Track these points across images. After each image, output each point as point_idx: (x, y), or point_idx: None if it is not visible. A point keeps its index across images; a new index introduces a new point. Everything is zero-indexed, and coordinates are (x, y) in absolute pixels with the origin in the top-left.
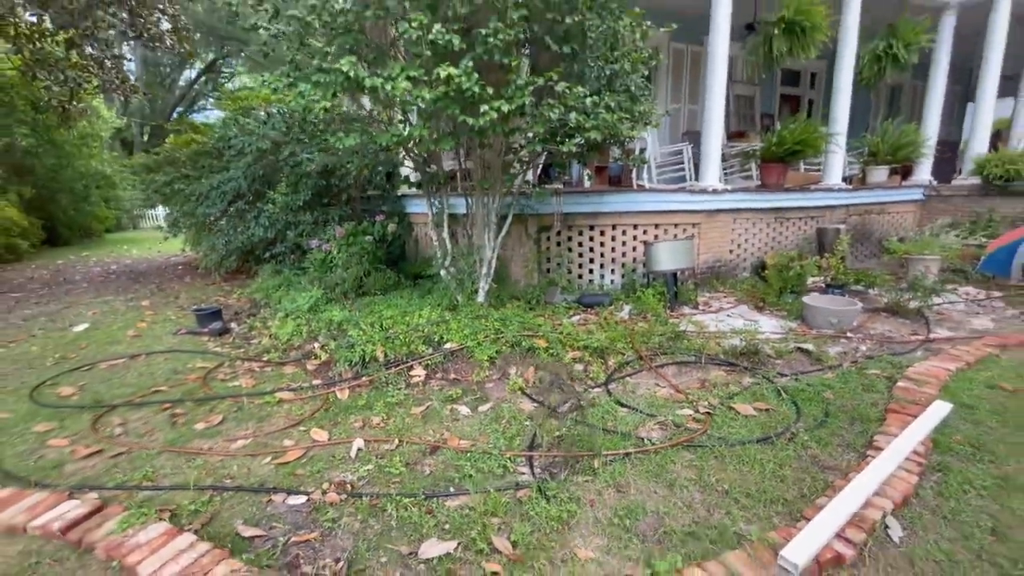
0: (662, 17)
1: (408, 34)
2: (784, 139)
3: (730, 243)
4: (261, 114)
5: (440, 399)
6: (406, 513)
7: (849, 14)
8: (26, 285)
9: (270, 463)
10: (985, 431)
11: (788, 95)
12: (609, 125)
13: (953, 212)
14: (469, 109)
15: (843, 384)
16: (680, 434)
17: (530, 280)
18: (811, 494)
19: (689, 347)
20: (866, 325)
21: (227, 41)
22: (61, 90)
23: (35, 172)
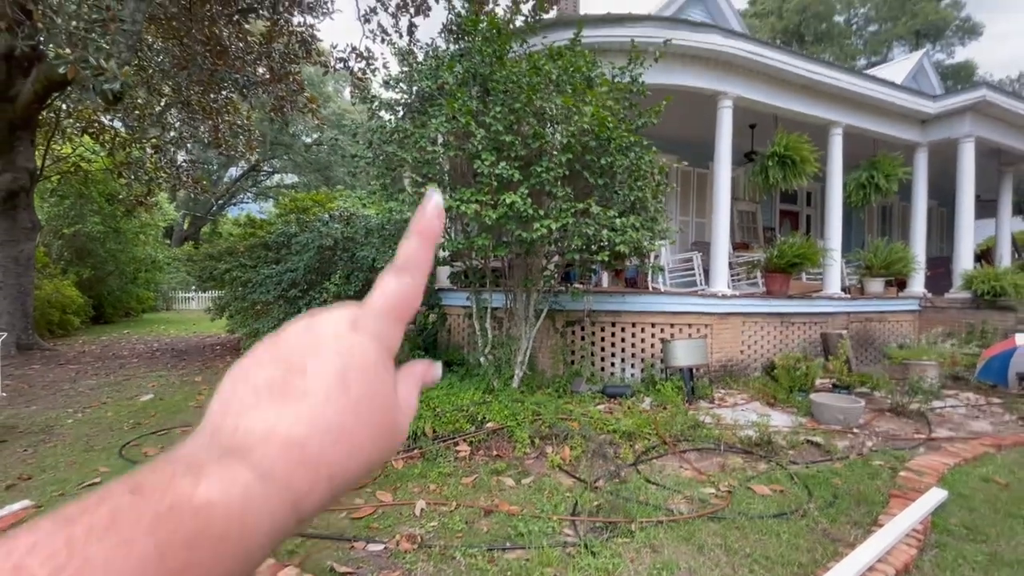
0: (672, 145)
1: (481, 168)
2: (784, 252)
3: (741, 344)
4: (325, 216)
5: (486, 471)
6: (473, 561)
7: (833, 151)
8: (80, 358)
9: (346, 517)
10: (979, 517)
11: (787, 211)
12: (635, 240)
13: (948, 322)
14: (523, 225)
15: (850, 472)
16: (705, 507)
17: (556, 370)
18: (823, 560)
19: (708, 436)
20: (871, 423)
21: (274, 146)
22: (140, 187)
23: (94, 255)
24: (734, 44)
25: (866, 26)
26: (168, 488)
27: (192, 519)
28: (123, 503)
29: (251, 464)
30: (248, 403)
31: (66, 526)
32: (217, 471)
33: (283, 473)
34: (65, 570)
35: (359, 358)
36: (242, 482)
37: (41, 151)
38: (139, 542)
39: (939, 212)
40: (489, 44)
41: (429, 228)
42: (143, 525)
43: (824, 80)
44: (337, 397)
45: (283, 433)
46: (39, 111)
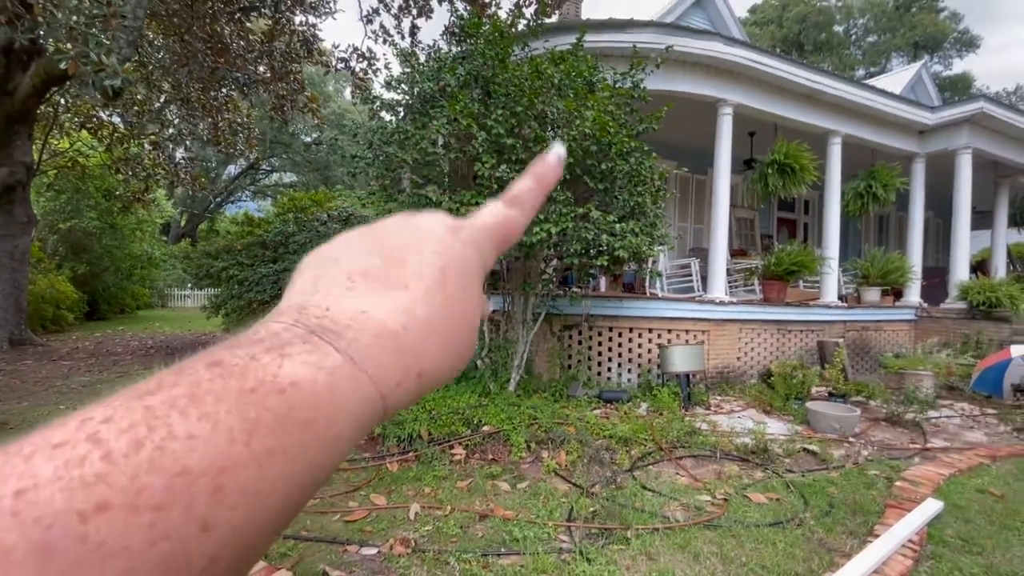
0: (671, 151)
1: (481, 171)
2: (782, 260)
3: (737, 351)
4: (323, 215)
5: (481, 476)
6: (467, 566)
7: (832, 160)
8: (73, 354)
9: (339, 520)
10: (974, 528)
11: (785, 219)
12: (634, 246)
13: (944, 332)
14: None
15: (846, 481)
16: (701, 515)
17: (552, 375)
18: (819, 569)
19: (704, 442)
20: (867, 432)
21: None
22: (138, 183)
23: (90, 251)
24: (735, 52)
25: (865, 36)
26: (250, 365)
27: (277, 400)
28: (203, 377)
29: (341, 346)
30: (341, 285)
31: (144, 398)
32: (303, 351)
33: (375, 361)
34: (144, 445)
35: (458, 261)
36: (330, 365)
37: (38, 145)
38: (225, 417)
39: (935, 223)
40: (491, 47)
41: (546, 173)
42: (227, 402)
43: (824, 89)
44: (436, 294)
45: (379, 319)
46: (37, 105)
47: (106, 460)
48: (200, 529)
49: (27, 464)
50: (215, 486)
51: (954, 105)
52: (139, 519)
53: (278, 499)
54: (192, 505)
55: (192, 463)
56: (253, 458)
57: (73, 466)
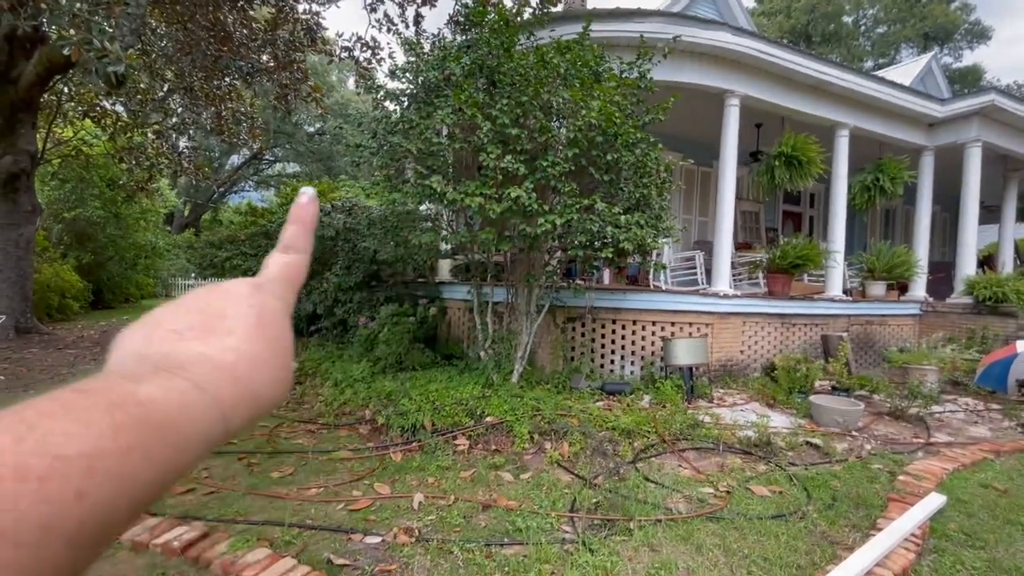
0: (676, 143)
1: (486, 161)
2: (787, 253)
3: (741, 344)
4: (327, 206)
5: (484, 466)
6: (470, 556)
7: (839, 153)
8: (78, 343)
9: (343, 509)
10: (977, 522)
11: (790, 212)
12: (639, 238)
13: (949, 327)
14: (527, 220)
15: (849, 475)
16: (703, 507)
17: (555, 366)
18: (821, 562)
19: (707, 435)
20: (870, 426)
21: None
22: (141, 172)
23: (94, 240)
24: (743, 42)
25: (874, 27)
26: (113, 387)
27: (137, 409)
28: (72, 398)
29: (186, 376)
30: (171, 339)
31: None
32: (155, 379)
33: (215, 387)
34: (26, 439)
35: (269, 309)
36: (179, 388)
37: (42, 134)
38: (96, 421)
39: (942, 217)
40: (497, 36)
41: (305, 215)
42: (97, 411)
43: (833, 81)
44: (257, 335)
45: (214, 357)
46: (41, 93)
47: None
48: (75, 497)
49: None
50: (88, 467)
51: (964, 97)
52: (27, 486)
53: (137, 483)
54: (68, 479)
55: (69, 451)
56: (118, 449)
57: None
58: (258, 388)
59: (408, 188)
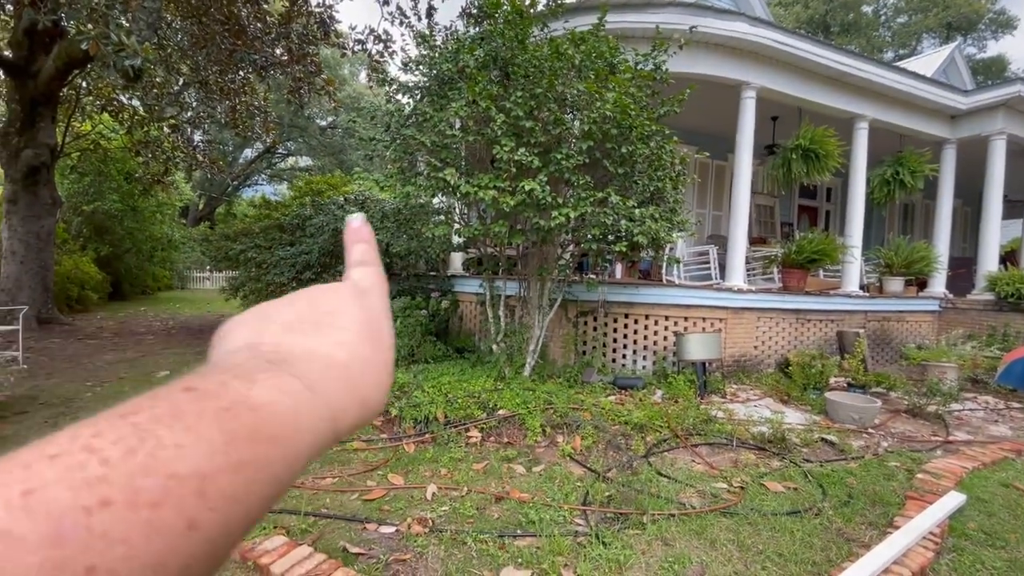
0: (691, 135)
1: (500, 154)
2: (803, 248)
3: (755, 339)
4: (340, 199)
5: (497, 458)
6: (483, 546)
7: (857, 146)
8: (98, 334)
9: (358, 499)
10: (998, 522)
11: (806, 206)
12: (653, 231)
13: (969, 324)
14: (541, 213)
15: (865, 472)
16: (717, 502)
17: (567, 360)
18: (837, 559)
19: (720, 430)
20: (887, 424)
21: (290, 129)
22: (157, 165)
23: (113, 233)
24: (760, 32)
25: (895, 17)
26: (223, 389)
27: (250, 418)
28: (182, 399)
29: (298, 374)
30: (281, 333)
31: (127, 417)
32: (267, 378)
33: (325, 389)
34: (137, 451)
35: (376, 311)
36: (292, 390)
37: (61, 128)
38: (206, 431)
39: (963, 211)
40: (510, 27)
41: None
42: (208, 416)
43: (852, 72)
44: (368, 335)
45: (326, 354)
46: (60, 88)
47: (104, 465)
48: (187, 527)
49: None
50: (200, 489)
51: (988, 89)
52: (138, 515)
53: (249, 504)
54: (182, 506)
55: (180, 468)
56: (230, 466)
57: (75, 470)
58: (366, 392)
59: (421, 181)
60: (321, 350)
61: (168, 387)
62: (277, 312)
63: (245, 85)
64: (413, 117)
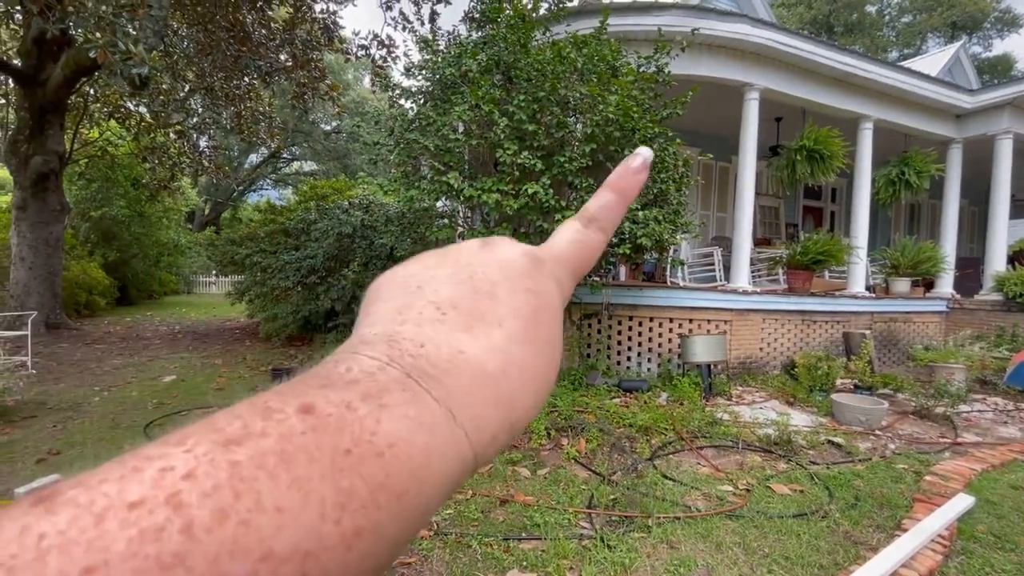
0: (694, 137)
1: (503, 158)
2: (808, 249)
3: (760, 341)
4: (344, 203)
5: (501, 461)
6: (488, 550)
7: (862, 146)
8: (105, 338)
9: None
10: (1008, 524)
11: (811, 207)
12: (656, 233)
13: (978, 325)
14: (544, 216)
15: (872, 475)
16: (722, 505)
17: (571, 363)
18: (844, 562)
19: (725, 433)
20: (894, 426)
21: (294, 134)
22: (164, 171)
23: (120, 238)
24: (763, 34)
25: (899, 17)
26: (346, 417)
27: (374, 467)
28: (295, 427)
29: (440, 396)
30: (431, 318)
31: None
32: (402, 401)
33: (473, 413)
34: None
35: (547, 297)
36: (429, 421)
37: (70, 135)
38: (316, 489)
39: (970, 211)
40: (513, 31)
41: (629, 185)
42: (320, 465)
43: (856, 72)
44: (530, 333)
45: (478, 361)
46: (68, 95)
47: (186, 535)
48: None
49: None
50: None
51: (994, 88)
52: None
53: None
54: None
55: (278, 546)
56: (342, 539)
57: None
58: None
59: (425, 185)
60: (471, 355)
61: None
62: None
63: (250, 91)
64: (417, 121)
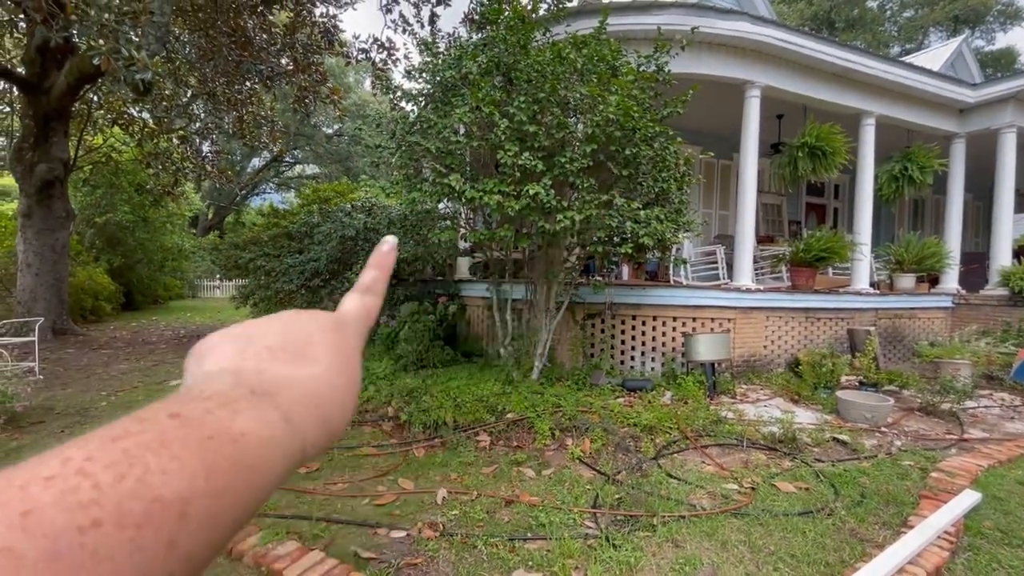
0: (695, 135)
1: (504, 159)
2: (811, 246)
3: (764, 339)
4: (347, 206)
5: (506, 462)
6: (494, 550)
7: (865, 142)
8: (112, 343)
9: (368, 504)
10: (1015, 520)
11: (814, 204)
12: (659, 232)
13: (983, 320)
14: (546, 216)
15: (878, 472)
16: (728, 503)
17: (575, 363)
18: (851, 559)
19: (730, 431)
20: (900, 422)
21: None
22: (167, 177)
23: (124, 244)
24: (763, 31)
25: (901, 11)
26: (208, 418)
27: (231, 448)
28: (168, 426)
29: (276, 405)
30: (265, 357)
31: (117, 441)
32: (249, 408)
33: (300, 418)
34: (127, 477)
35: (350, 344)
36: (270, 420)
37: (74, 142)
38: (189, 459)
39: (975, 206)
40: (513, 33)
41: (385, 263)
42: (191, 446)
43: (857, 68)
44: (340, 368)
45: (303, 386)
46: (72, 103)
47: (96, 489)
48: (167, 546)
49: (24, 492)
50: (181, 513)
51: (997, 81)
52: (124, 534)
53: (223, 527)
54: (163, 527)
55: (165, 493)
56: (210, 493)
57: (69, 493)
58: (334, 421)
59: (427, 187)
60: (299, 380)
61: (155, 410)
62: (261, 335)
63: (252, 95)
64: (418, 124)
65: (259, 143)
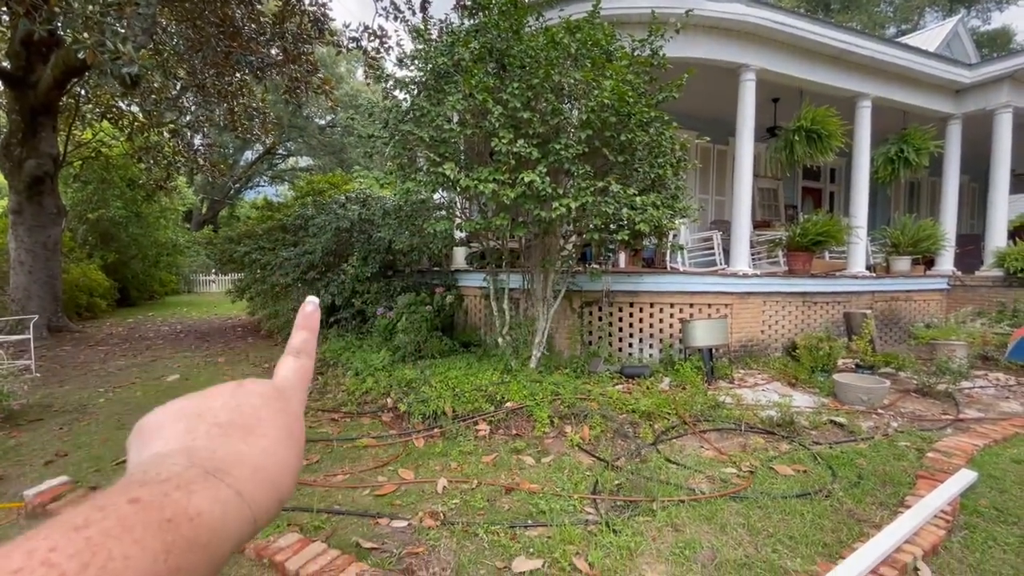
0: (691, 120)
1: (498, 147)
2: (808, 230)
3: (761, 324)
4: (341, 198)
5: (506, 450)
6: (495, 538)
7: (860, 125)
8: (108, 340)
9: (369, 495)
10: (1010, 498)
11: (810, 188)
12: (655, 219)
13: (978, 301)
14: (542, 204)
15: (875, 453)
16: (726, 487)
17: (573, 351)
18: (848, 540)
19: (728, 416)
20: (896, 404)
21: (289, 129)
22: (159, 171)
23: (118, 240)
24: (758, 13)
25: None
26: (166, 501)
27: (188, 528)
28: (128, 512)
29: (229, 483)
30: (216, 435)
31: (80, 530)
32: (204, 488)
33: (251, 492)
34: (91, 565)
35: (292, 412)
36: (224, 498)
37: (63, 137)
38: (151, 542)
39: (970, 187)
40: (505, 18)
41: (311, 323)
42: (152, 528)
43: (853, 50)
44: (285, 440)
45: (254, 460)
46: (59, 97)
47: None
48: None
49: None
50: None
51: (993, 61)
52: None
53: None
54: None
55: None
56: (168, 571)
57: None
58: (283, 490)
59: (421, 177)
60: (250, 456)
61: (113, 496)
62: (209, 411)
63: (242, 87)
64: (411, 113)
65: (251, 135)
